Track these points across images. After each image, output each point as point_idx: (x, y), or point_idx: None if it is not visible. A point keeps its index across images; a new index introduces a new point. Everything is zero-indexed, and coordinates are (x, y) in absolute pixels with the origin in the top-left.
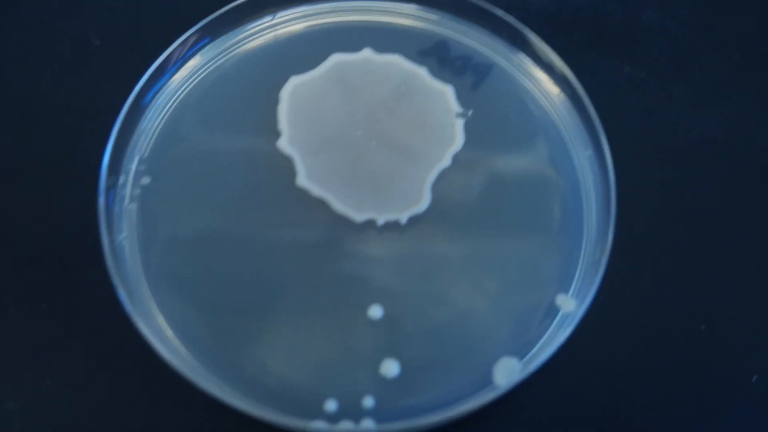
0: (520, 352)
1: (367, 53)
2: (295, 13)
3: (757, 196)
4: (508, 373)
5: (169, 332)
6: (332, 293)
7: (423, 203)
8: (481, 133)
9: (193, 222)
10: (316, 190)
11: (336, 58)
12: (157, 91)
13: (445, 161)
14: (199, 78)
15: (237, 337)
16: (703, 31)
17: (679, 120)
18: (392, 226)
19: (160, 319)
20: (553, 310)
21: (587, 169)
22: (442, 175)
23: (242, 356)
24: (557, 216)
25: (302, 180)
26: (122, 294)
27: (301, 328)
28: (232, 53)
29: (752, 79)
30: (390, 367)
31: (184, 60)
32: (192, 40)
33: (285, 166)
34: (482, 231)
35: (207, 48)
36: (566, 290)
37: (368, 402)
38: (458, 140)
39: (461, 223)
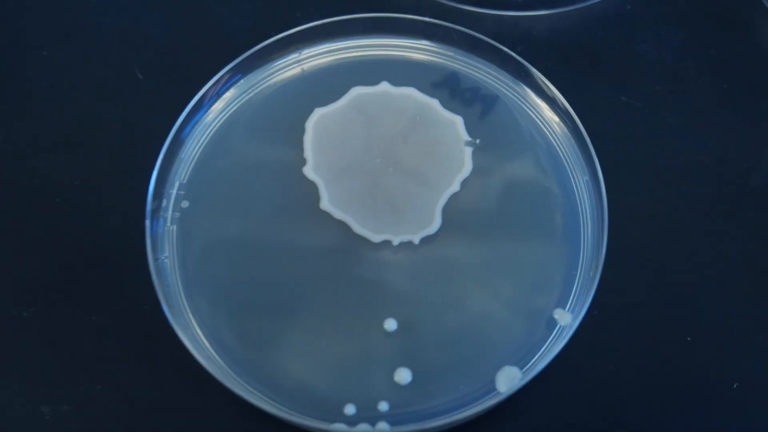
0: (521, 362)
1: (384, 86)
2: (319, 49)
3: (742, 217)
4: (509, 380)
5: (204, 342)
6: (351, 305)
7: (434, 225)
8: (487, 160)
9: (226, 242)
10: (337, 213)
11: (356, 91)
12: (195, 124)
13: (455, 186)
14: (231, 110)
15: (264, 344)
16: (694, 63)
17: (671, 145)
18: (407, 245)
19: (198, 330)
20: (550, 323)
21: (585, 193)
22: (452, 199)
23: (269, 362)
24: (557, 236)
25: (325, 204)
26: (166, 308)
27: (324, 338)
28: (262, 87)
29: (739, 107)
30: (403, 375)
31: (219, 95)
32: (226, 76)
33: (310, 191)
34: (488, 249)
35: (239, 83)
36: (564, 305)
37: (383, 406)
38: (467, 167)
39: (469, 242)
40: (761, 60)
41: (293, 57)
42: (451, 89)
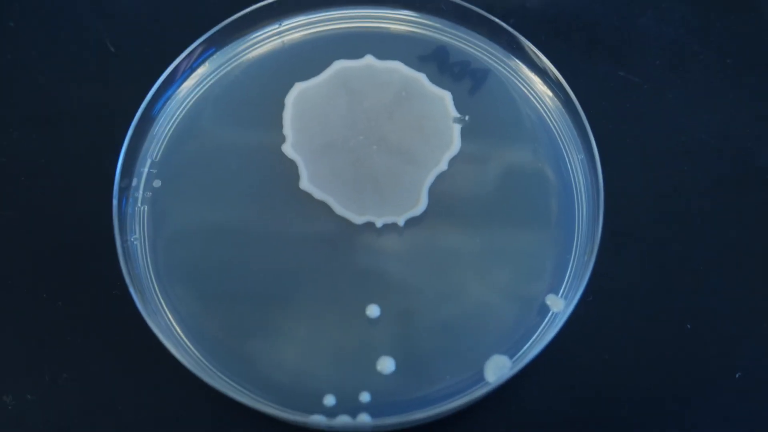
0: (511, 350)
1: (369, 59)
2: (300, 21)
3: (746, 198)
4: (498, 369)
5: (176, 329)
6: (332, 291)
7: (420, 206)
8: (477, 138)
9: (201, 224)
10: (318, 193)
11: (339, 65)
12: (168, 99)
13: (442, 165)
14: (207, 85)
15: (239, 333)
16: (696, 37)
17: (671, 123)
18: (391, 228)
19: (169, 317)
20: (542, 310)
21: (579, 173)
22: (439, 179)
23: (244, 351)
24: (550, 218)
25: (305, 183)
26: (134, 293)
27: (302, 326)
28: (240, 60)
29: (743, 84)
30: (386, 364)
31: (193, 69)
32: (199, 50)
33: (289, 170)
34: (476, 232)
35: (215, 56)
36: (557, 291)
37: (365, 397)
38: (455, 145)
39: (456, 224)
40: (766, 33)
41: (273, 29)
42: (439, 63)
